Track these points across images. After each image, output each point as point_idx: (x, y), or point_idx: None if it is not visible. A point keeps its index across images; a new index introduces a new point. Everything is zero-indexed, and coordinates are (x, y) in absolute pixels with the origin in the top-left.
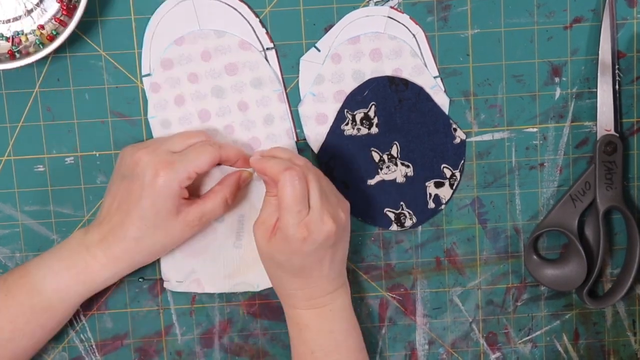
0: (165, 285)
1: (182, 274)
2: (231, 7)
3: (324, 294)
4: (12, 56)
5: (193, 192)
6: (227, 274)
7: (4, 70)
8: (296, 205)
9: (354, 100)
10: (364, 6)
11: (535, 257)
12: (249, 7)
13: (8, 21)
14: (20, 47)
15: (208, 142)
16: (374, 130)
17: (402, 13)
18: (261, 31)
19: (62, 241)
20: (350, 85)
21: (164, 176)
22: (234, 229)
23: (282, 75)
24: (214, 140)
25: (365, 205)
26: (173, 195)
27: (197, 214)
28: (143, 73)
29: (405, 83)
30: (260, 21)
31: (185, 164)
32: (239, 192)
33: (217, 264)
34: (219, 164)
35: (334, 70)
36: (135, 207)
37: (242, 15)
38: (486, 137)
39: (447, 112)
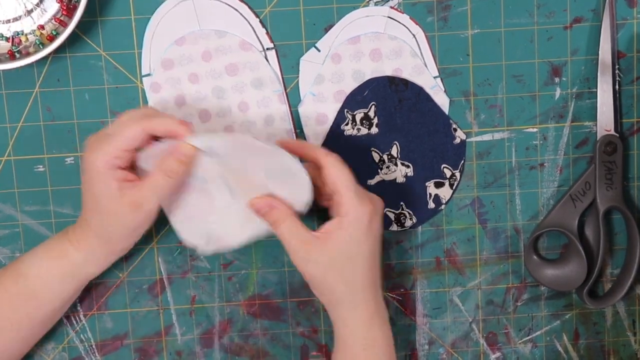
0: (199, 251)
1: (203, 237)
2: (231, 7)
3: (369, 291)
4: (12, 56)
5: (144, 174)
6: (240, 225)
7: (4, 70)
8: (353, 180)
9: (354, 100)
10: (364, 6)
11: (535, 257)
12: (249, 7)
13: (8, 21)
14: (20, 47)
15: (132, 116)
16: (374, 130)
17: (402, 13)
18: (261, 31)
19: None
20: (350, 85)
21: (87, 156)
22: (224, 187)
23: (282, 75)
24: (149, 111)
25: None
26: (103, 176)
27: (140, 193)
28: (143, 73)
29: (405, 83)
30: (261, 21)
31: (109, 141)
32: (183, 165)
33: (228, 219)
34: (158, 139)
35: (334, 70)
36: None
37: (242, 16)
38: (486, 137)
39: (447, 112)
